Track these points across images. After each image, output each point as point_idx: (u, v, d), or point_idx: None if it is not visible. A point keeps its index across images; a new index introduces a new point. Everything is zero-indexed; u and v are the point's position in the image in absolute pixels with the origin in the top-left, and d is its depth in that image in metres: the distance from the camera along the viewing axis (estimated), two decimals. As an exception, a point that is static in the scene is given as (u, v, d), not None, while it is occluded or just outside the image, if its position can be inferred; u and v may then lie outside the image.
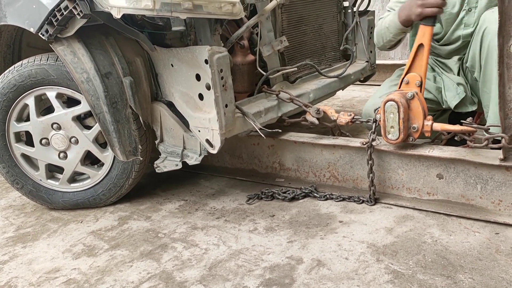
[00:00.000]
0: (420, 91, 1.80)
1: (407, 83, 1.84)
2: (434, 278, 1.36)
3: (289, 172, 2.11)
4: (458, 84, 2.04)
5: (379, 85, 2.35)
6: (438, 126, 1.74)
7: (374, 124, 1.84)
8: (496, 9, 1.88)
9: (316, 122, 2.01)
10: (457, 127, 1.70)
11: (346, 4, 2.64)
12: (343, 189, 1.98)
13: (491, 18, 1.84)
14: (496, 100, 1.86)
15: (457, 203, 1.73)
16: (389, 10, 2.15)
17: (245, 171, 2.23)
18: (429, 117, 1.77)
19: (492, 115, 1.87)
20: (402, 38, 2.11)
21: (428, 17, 1.79)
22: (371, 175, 1.82)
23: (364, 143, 1.84)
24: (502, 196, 1.63)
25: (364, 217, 1.76)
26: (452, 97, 2.03)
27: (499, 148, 1.60)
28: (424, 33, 1.81)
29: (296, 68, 2.21)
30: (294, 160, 2.08)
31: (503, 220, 1.61)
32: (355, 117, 1.94)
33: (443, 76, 2.17)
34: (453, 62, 2.11)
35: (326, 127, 2.09)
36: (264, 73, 2.05)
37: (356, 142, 1.91)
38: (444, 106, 2.10)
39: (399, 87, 1.85)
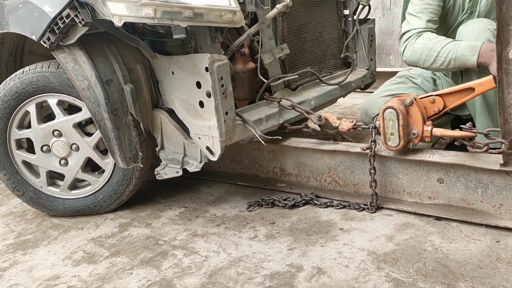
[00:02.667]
0: (432, 116, 1.80)
1: (432, 102, 1.82)
2: (435, 286, 1.36)
3: (290, 177, 2.12)
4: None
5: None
6: (437, 131, 1.74)
7: (374, 130, 1.84)
8: (469, 22, 1.91)
9: (318, 128, 2.02)
10: (456, 133, 1.70)
11: (346, 12, 2.66)
12: (344, 193, 1.98)
13: (466, 31, 1.85)
14: (480, 110, 1.87)
15: (458, 207, 1.73)
16: (422, 18, 2.02)
17: (246, 176, 2.24)
18: (429, 122, 1.77)
19: (479, 123, 1.88)
20: None
21: None
22: (373, 184, 1.82)
23: (365, 148, 1.85)
24: (503, 200, 1.64)
25: (365, 224, 1.76)
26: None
27: (499, 153, 1.61)
28: (485, 85, 1.76)
29: (297, 76, 2.22)
30: (295, 165, 2.09)
31: (504, 224, 1.61)
32: (357, 123, 1.94)
33: (442, 80, 2.18)
34: (451, 73, 2.12)
35: (328, 134, 2.09)
36: (266, 81, 2.06)
37: (356, 147, 1.91)
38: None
39: (423, 97, 1.84)
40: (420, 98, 1.82)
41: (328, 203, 1.91)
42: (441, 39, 1.96)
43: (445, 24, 2.08)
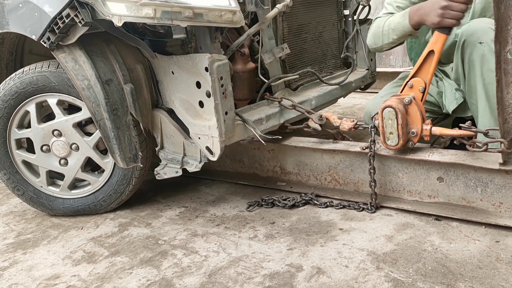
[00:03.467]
0: (423, 97, 1.80)
1: (411, 87, 1.83)
2: (434, 287, 1.36)
3: (290, 176, 2.12)
4: (457, 89, 2.04)
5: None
6: (437, 130, 1.74)
7: (373, 130, 1.84)
8: (472, 21, 1.91)
9: (319, 128, 2.02)
10: (456, 131, 1.71)
11: (346, 12, 2.66)
12: (344, 192, 1.98)
13: (469, 30, 1.85)
14: (482, 109, 1.87)
15: (458, 205, 1.74)
16: (388, 9, 2.09)
17: (247, 175, 2.24)
18: (428, 121, 1.77)
19: (482, 125, 1.88)
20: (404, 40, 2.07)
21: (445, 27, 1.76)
22: (372, 183, 1.82)
23: (364, 147, 1.85)
24: (503, 198, 1.64)
25: (364, 224, 1.76)
26: (450, 102, 2.04)
27: (498, 152, 1.61)
28: (437, 41, 1.78)
29: (297, 76, 2.22)
30: (295, 164, 2.09)
31: (504, 222, 1.61)
32: (358, 123, 1.94)
33: (444, 81, 2.17)
34: (450, 69, 2.12)
35: (329, 133, 2.09)
36: (266, 81, 2.06)
37: (356, 147, 1.92)
38: (444, 111, 2.11)
39: (401, 91, 1.85)
40: (400, 92, 1.84)
41: (328, 203, 1.91)
42: (385, 17, 2.04)
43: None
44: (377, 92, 3.11)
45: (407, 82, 1.84)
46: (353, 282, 1.41)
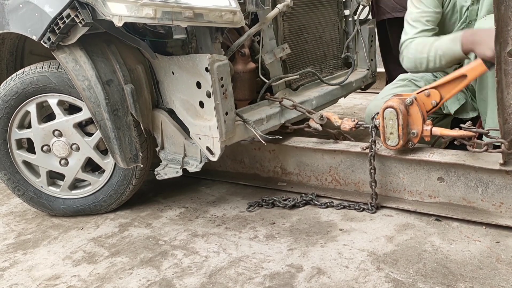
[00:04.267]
0: (430, 110, 1.79)
1: (428, 95, 1.79)
2: (435, 287, 1.36)
3: (291, 176, 2.12)
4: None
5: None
6: (437, 130, 1.74)
7: (374, 130, 1.83)
8: (488, 17, 1.90)
9: (320, 128, 2.02)
10: (456, 132, 1.70)
11: (347, 12, 2.66)
12: (344, 192, 1.98)
13: (484, 26, 1.84)
14: (493, 106, 1.87)
15: (458, 205, 1.74)
16: (417, 27, 1.99)
17: (247, 176, 2.24)
18: (428, 121, 1.77)
19: (491, 121, 1.87)
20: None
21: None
22: (373, 184, 1.82)
23: (365, 148, 1.85)
24: (503, 198, 1.64)
25: (365, 225, 1.76)
26: (452, 102, 2.04)
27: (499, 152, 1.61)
28: (475, 69, 1.72)
29: (298, 76, 2.22)
30: (295, 164, 2.09)
31: (505, 222, 1.62)
32: (358, 122, 1.94)
33: None
34: (451, 70, 2.12)
35: (330, 133, 2.09)
36: (266, 81, 2.06)
37: (356, 147, 1.92)
38: (445, 111, 2.11)
39: (417, 92, 1.82)
40: (418, 93, 1.82)
41: (328, 204, 1.91)
42: (428, 40, 1.95)
43: (444, 32, 2.07)
44: (377, 93, 3.12)
45: (426, 89, 1.80)
46: (353, 283, 1.41)
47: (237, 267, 1.55)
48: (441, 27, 2.06)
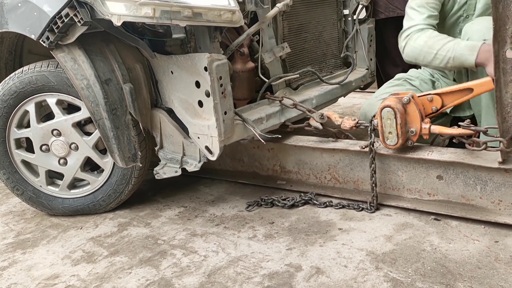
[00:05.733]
0: (430, 114, 1.79)
1: (430, 100, 1.79)
2: (433, 286, 1.36)
3: (290, 175, 2.12)
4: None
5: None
6: (436, 128, 1.75)
7: (373, 132, 1.83)
8: (476, 20, 1.90)
9: (320, 127, 2.02)
10: (455, 130, 1.71)
11: (346, 12, 2.65)
12: (344, 190, 1.98)
13: (472, 29, 1.84)
14: (487, 108, 1.87)
15: (457, 203, 1.74)
16: (423, 12, 1.97)
17: (247, 174, 2.24)
18: (427, 119, 1.77)
19: (485, 123, 1.87)
20: None
21: None
22: (373, 185, 1.82)
23: (364, 146, 1.85)
24: (502, 196, 1.65)
25: (364, 224, 1.76)
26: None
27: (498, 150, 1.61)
28: (483, 86, 1.73)
29: (298, 75, 2.22)
30: (294, 163, 2.09)
31: (503, 220, 1.62)
32: (359, 121, 1.94)
33: (441, 82, 2.17)
34: (451, 72, 2.12)
35: (330, 132, 2.09)
36: (266, 80, 2.06)
37: (355, 145, 1.92)
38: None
39: (421, 95, 1.82)
40: (418, 96, 1.82)
41: (327, 203, 1.91)
42: (443, 37, 1.93)
43: (442, 25, 2.07)
44: (376, 92, 3.12)
45: (429, 94, 1.80)
46: (352, 282, 1.41)
47: (236, 267, 1.55)
48: (440, 21, 2.05)
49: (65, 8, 1.63)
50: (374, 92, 3.36)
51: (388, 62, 2.87)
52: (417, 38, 1.96)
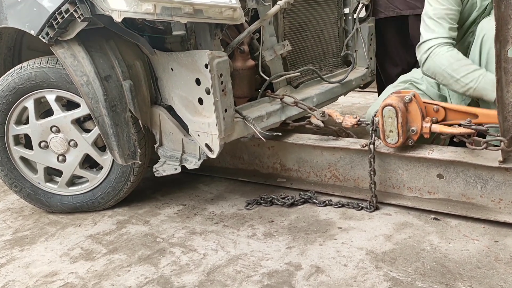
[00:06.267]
0: (427, 121, 1.79)
1: (436, 111, 1.79)
2: (433, 286, 1.35)
3: (291, 173, 2.12)
4: None
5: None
6: (436, 127, 1.75)
7: (374, 133, 1.82)
8: (492, 17, 1.89)
9: (321, 125, 2.01)
10: (455, 129, 1.71)
11: (346, 10, 2.65)
12: (344, 188, 1.98)
13: (488, 26, 1.83)
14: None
15: (458, 201, 1.74)
16: (444, 26, 1.92)
17: (247, 172, 2.24)
18: (428, 118, 1.77)
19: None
20: None
21: None
22: (372, 185, 1.82)
23: (364, 145, 1.85)
24: (502, 195, 1.65)
25: (363, 223, 1.75)
26: (458, 103, 2.02)
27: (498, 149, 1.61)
28: (490, 117, 1.71)
29: (299, 73, 2.21)
30: (295, 161, 2.09)
31: (503, 218, 1.62)
32: (360, 119, 1.94)
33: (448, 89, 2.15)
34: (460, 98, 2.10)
35: (331, 130, 2.09)
36: (267, 78, 2.05)
37: (356, 144, 1.92)
38: None
39: (428, 103, 1.81)
40: (425, 103, 1.81)
41: (327, 202, 1.91)
42: (468, 63, 1.87)
43: (459, 21, 2.04)
44: (376, 91, 3.12)
45: (437, 105, 1.79)
46: (352, 281, 1.41)
47: (236, 265, 1.55)
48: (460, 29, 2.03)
49: (65, 3, 1.62)
50: (373, 92, 3.38)
51: (388, 62, 2.87)
52: (441, 55, 1.90)
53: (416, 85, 2.18)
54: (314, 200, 1.93)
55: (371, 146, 1.80)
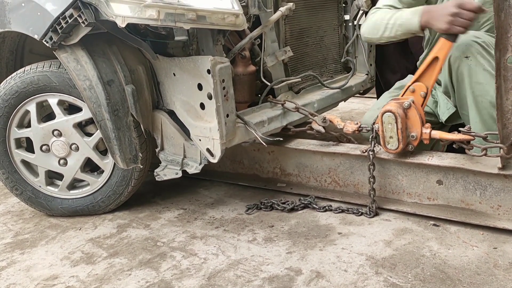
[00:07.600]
0: (423, 102, 1.81)
1: (413, 91, 1.81)
2: (433, 292, 1.36)
3: (291, 177, 2.13)
4: (448, 99, 2.03)
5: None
6: (436, 133, 1.76)
7: (374, 140, 1.84)
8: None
9: (322, 130, 2.02)
10: (455, 135, 1.72)
11: (347, 17, 2.67)
12: (344, 193, 1.99)
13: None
14: (474, 122, 1.87)
15: (457, 207, 1.75)
16: (388, 1, 2.00)
17: (247, 176, 2.25)
18: (427, 124, 1.78)
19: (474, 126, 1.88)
20: None
21: (452, 33, 1.72)
22: (371, 192, 1.83)
23: (364, 151, 1.86)
24: (501, 201, 1.66)
25: (363, 229, 1.76)
26: (443, 112, 2.04)
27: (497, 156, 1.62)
28: (442, 47, 1.75)
29: (300, 79, 2.23)
30: (295, 166, 2.10)
31: (502, 225, 1.63)
32: (361, 125, 1.95)
33: (437, 91, 2.17)
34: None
35: (332, 136, 2.10)
36: (268, 84, 2.07)
37: (356, 150, 1.93)
38: (440, 120, 2.11)
39: (403, 94, 1.85)
40: (401, 96, 1.84)
41: (327, 207, 1.92)
42: (392, 10, 1.96)
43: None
44: (375, 97, 3.13)
45: (409, 86, 1.83)
46: (352, 287, 1.42)
47: (236, 270, 1.55)
48: None
49: (69, 8, 1.64)
50: (373, 98, 3.40)
51: (387, 69, 2.89)
52: (373, 15, 2.00)
53: None
54: (314, 205, 1.94)
55: (370, 153, 1.82)
